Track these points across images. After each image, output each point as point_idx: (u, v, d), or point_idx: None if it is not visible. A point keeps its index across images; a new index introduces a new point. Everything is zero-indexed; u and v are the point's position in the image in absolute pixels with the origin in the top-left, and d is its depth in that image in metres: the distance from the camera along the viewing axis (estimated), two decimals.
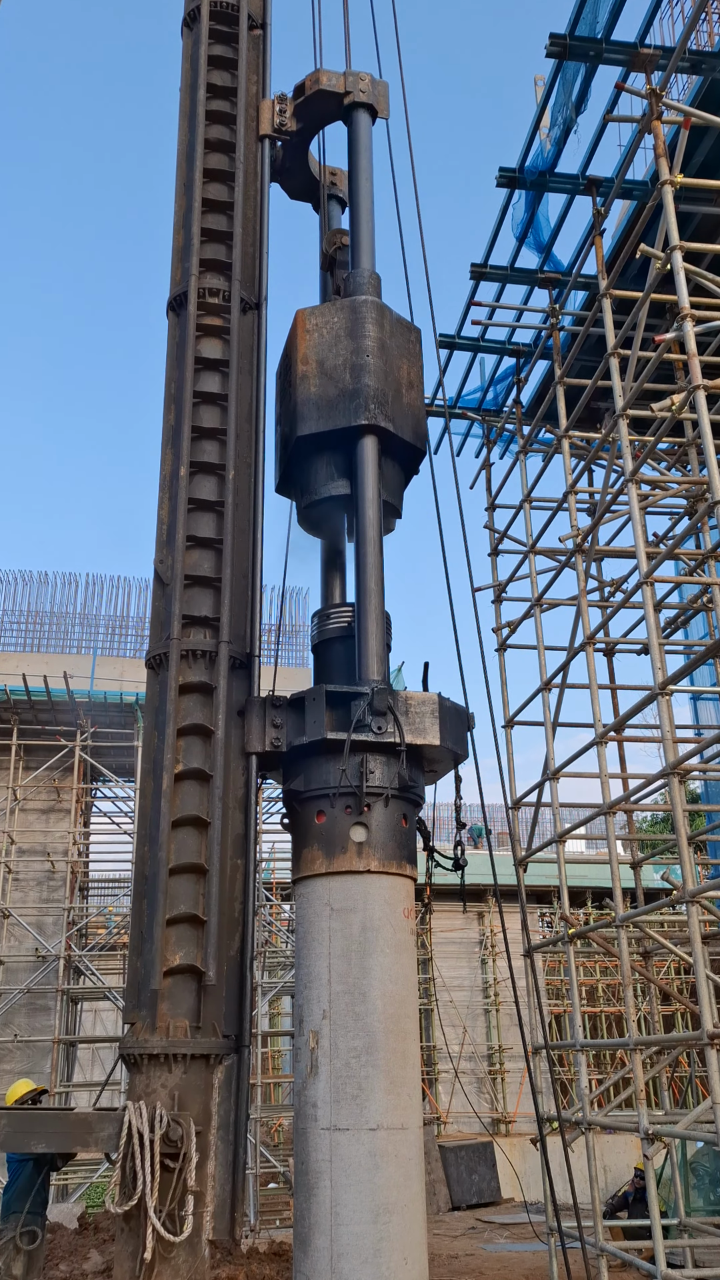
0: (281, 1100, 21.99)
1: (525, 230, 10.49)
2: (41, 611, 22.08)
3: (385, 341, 6.03)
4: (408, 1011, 4.97)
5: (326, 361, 5.92)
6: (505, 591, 12.25)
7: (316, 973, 4.91)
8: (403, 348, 6.19)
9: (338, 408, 5.80)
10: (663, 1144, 8.35)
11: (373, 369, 5.85)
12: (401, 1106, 4.78)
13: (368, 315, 6.01)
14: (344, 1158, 4.62)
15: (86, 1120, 4.42)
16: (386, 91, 6.78)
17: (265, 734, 5.30)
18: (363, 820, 5.06)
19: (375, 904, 4.99)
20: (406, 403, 6.04)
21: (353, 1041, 4.75)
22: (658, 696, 8.02)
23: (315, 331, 6.03)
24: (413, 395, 6.14)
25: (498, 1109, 21.51)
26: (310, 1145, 4.71)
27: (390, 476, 6.01)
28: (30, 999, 17.71)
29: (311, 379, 5.90)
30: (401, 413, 5.96)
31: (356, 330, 5.96)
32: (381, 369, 5.89)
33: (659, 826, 31.76)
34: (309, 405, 5.87)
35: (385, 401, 5.83)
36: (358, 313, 6.02)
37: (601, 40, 8.79)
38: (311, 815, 5.19)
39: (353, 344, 5.93)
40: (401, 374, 6.08)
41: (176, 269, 6.11)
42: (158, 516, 5.63)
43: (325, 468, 5.96)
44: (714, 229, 9.98)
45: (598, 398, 10.63)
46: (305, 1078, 4.82)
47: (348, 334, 5.97)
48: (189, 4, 6.64)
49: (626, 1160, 18.35)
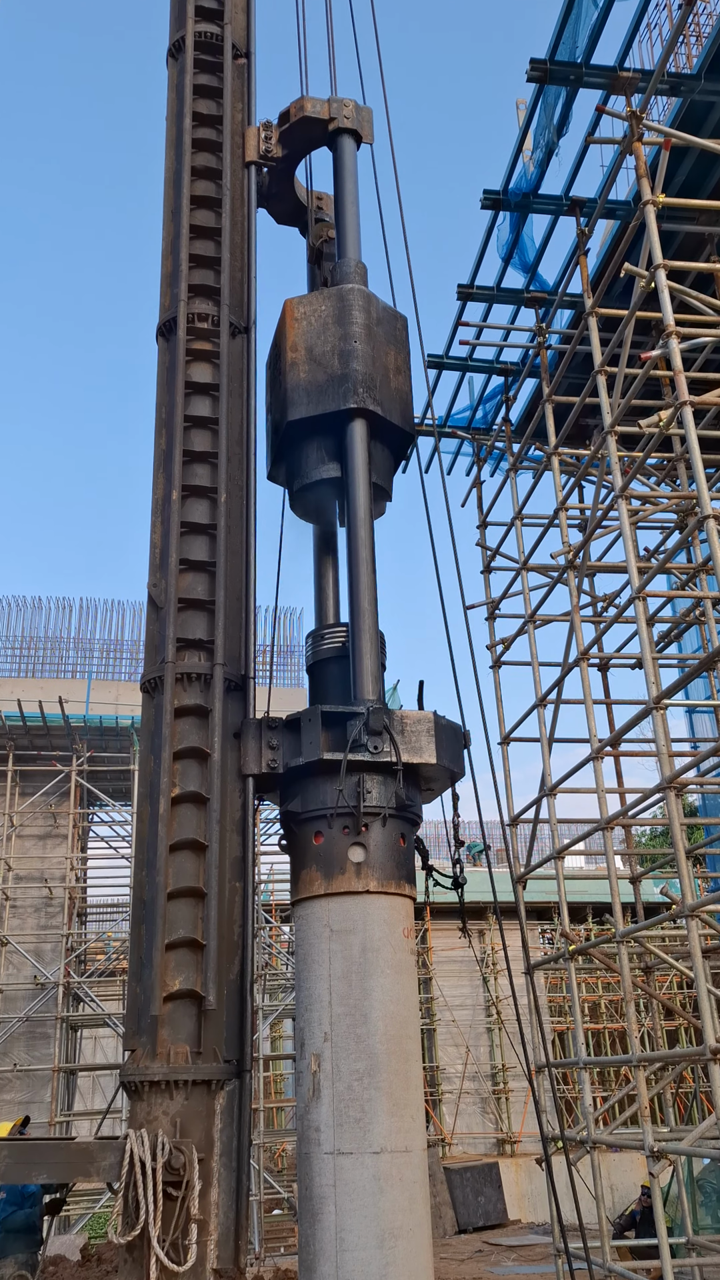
0: (284, 1125, 21.83)
1: (510, 251, 10.59)
2: (36, 636, 22.08)
3: (372, 328, 6.13)
4: (409, 1032, 4.95)
5: (315, 348, 6.03)
6: (498, 608, 12.28)
7: (317, 995, 4.89)
8: (390, 334, 6.30)
9: (327, 392, 5.90)
10: (668, 1161, 8.29)
11: (360, 354, 5.96)
12: (405, 1129, 4.75)
13: (355, 302, 6.12)
14: (348, 1182, 4.58)
15: (88, 1150, 4.39)
16: (370, 117, 6.86)
17: (262, 756, 5.30)
18: (360, 840, 5.05)
19: (375, 924, 4.97)
20: (394, 387, 6.15)
21: (355, 1064, 4.72)
22: (652, 711, 8.04)
23: (303, 319, 6.13)
24: (400, 380, 6.24)
25: (502, 1129, 21.36)
26: (314, 1170, 4.68)
27: (380, 460, 6.12)
28: (29, 1027, 17.59)
29: (301, 365, 6.01)
30: (389, 397, 6.07)
31: (344, 317, 6.07)
32: (369, 354, 6.00)
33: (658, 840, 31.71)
34: (299, 391, 5.96)
35: (373, 386, 5.93)
36: (345, 300, 6.13)
37: (581, 64, 8.91)
38: (309, 836, 5.18)
39: (340, 330, 6.04)
40: (389, 359, 6.19)
41: (165, 294, 6.16)
42: (150, 540, 5.66)
43: (316, 452, 6.06)
44: (697, 247, 10.08)
45: (586, 414, 10.71)
46: (307, 1101, 4.79)
47: (335, 321, 6.07)
48: (174, 34, 6.72)
49: (633, 1178, 18.22)
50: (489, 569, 12.48)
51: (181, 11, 6.65)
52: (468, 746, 5.79)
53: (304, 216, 7.20)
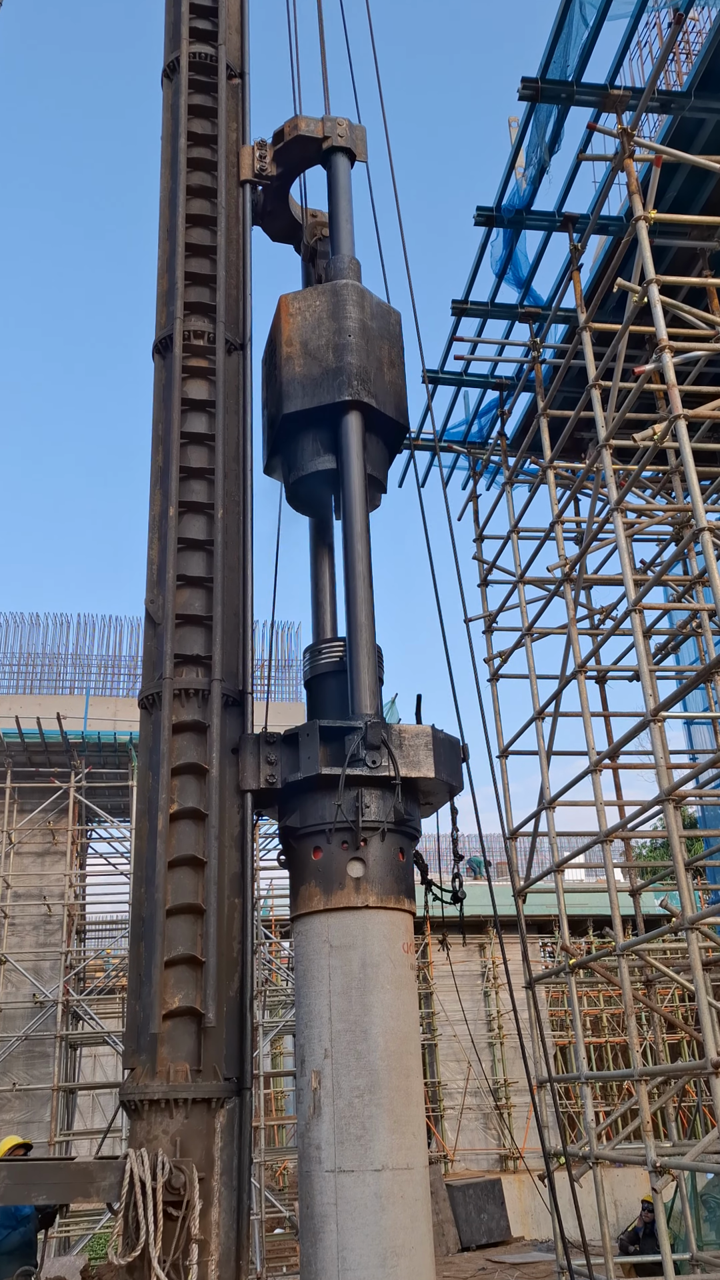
0: (285, 1142, 21.70)
1: (504, 267, 10.66)
2: (34, 653, 22.08)
3: (366, 322, 6.22)
4: (410, 1048, 4.93)
5: (310, 342, 6.13)
6: (496, 621, 12.30)
7: (317, 1011, 4.87)
8: (383, 329, 6.40)
9: (322, 385, 5.99)
10: (671, 1176, 8.25)
11: (355, 348, 6.06)
12: (406, 1146, 4.72)
13: (349, 297, 6.22)
14: (349, 1200, 4.55)
15: (87, 1170, 4.36)
16: (364, 135, 6.92)
17: (260, 771, 5.29)
18: (360, 855, 5.04)
19: (374, 940, 4.95)
20: (388, 380, 6.25)
21: (355, 1080, 4.70)
22: (650, 723, 8.05)
23: (298, 315, 6.22)
24: (394, 373, 6.34)
25: (505, 1145, 21.24)
26: (315, 1188, 4.65)
27: (375, 451, 6.21)
28: (28, 1046, 17.49)
29: (296, 359, 6.10)
30: (384, 389, 6.16)
31: (338, 312, 6.17)
32: (363, 348, 6.10)
33: (658, 853, 31.65)
34: (294, 384, 6.06)
35: (368, 379, 6.02)
36: (339, 295, 6.22)
37: (573, 83, 8.99)
38: (308, 851, 5.17)
39: (335, 325, 6.13)
40: (383, 353, 6.29)
41: (161, 312, 6.19)
42: (148, 557, 5.67)
43: (311, 444, 6.14)
44: (689, 262, 10.15)
45: (581, 428, 10.76)
46: (308, 1119, 4.77)
47: (330, 316, 6.17)
48: (168, 55, 6.78)
49: (637, 1194, 18.11)
50: (486, 582, 12.51)
51: (176, 33, 6.71)
52: (466, 760, 5.79)
53: (299, 234, 7.25)
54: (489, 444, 12.78)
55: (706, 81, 8.93)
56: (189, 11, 6.70)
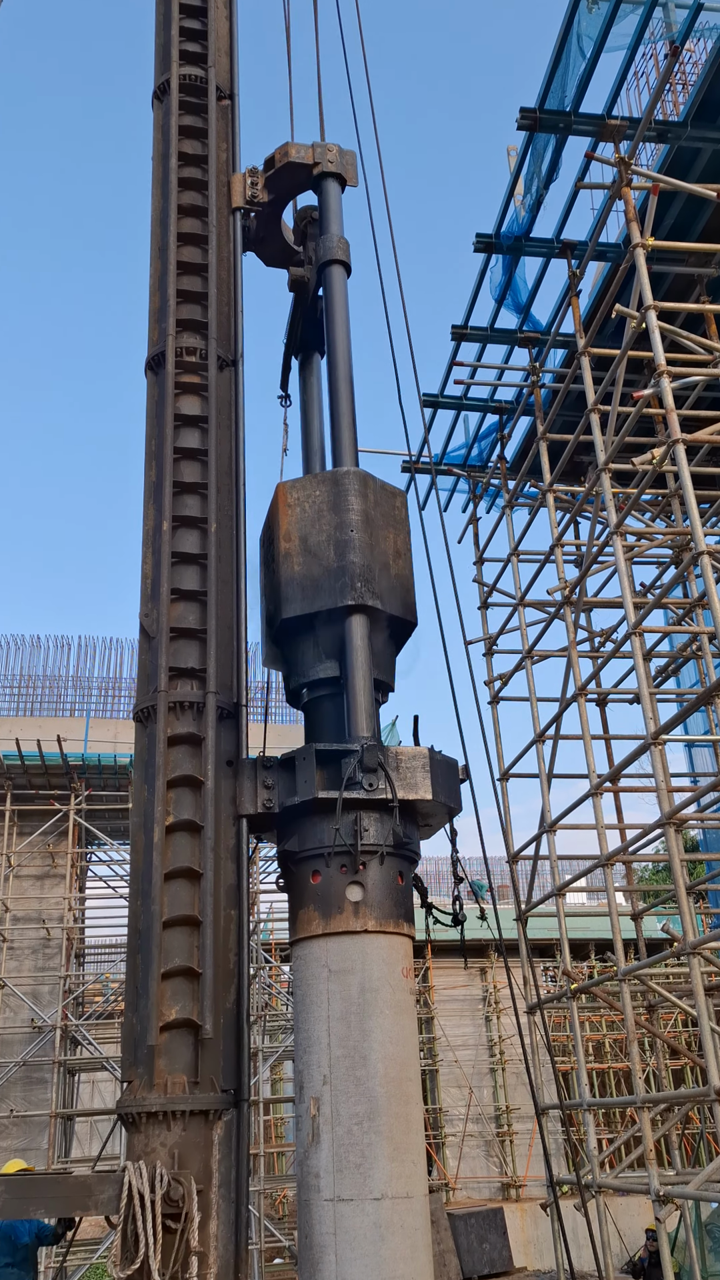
0: (285, 1170, 21.45)
1: (504, 293, 10.79)
2: (34, 675, 22.11)
3: (369, 513, 5.87)
4: (409, 1074, 4.88)
5: (310, 538, 5.77)
6: (496, 644, 12.35)
7: (316, 1037, 4.83)
8: (388, 516, 6.03)
9: (323, 587, 5.64)
10: (675, 1205, 8.17)
11: (358, 544, 5.71)
12: (406, 1174, 4.67)
13: (351, 487, 5.87)
14: (348, 1230, 4.50)
15: (85, 1183, 4.34)
16: (355, 160, 6.98)
17: (257, 795, 5.25)
18: (358, 879, 5.01)
19: (374, 964, 4.91)
20: (394, 574, 5.88)
21: (354, 1107, 4.65)
22: (651, 746, 8.08)
23: (297, 506, 5.88)
24: (400, 564, 5.97)
25: (507, 1172, 21.00)
26: (314, 1218, 4.60)
27: (381, 653, 5.84)
28: (25, 1072, 17.34)
29: (295, 557, 5.75)
30: (389, 587, 5.80)
31: (339, 504, 5.82)
32: (367, 543, 5.75)
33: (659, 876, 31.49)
34: (293, 585, 5.71)
35: (371, 578, 5.67)
36: (340, 485, 5.88)
37: (570, 112, 9.15)
38: (307, 875, 5.14)
39: (336, 519, 5.78)
40: (388, 544, 5.94)
41: (153, 330, 6.27)
42: (142, 571, 5.71)
43: (312, 649, 5.80)
44: (687, 288, 10.28)
45: (580, 452, 10.85)
46: (306, 1146, 4.71)
47: (330, 508, 5.81)
48: (159, 77, 6.92)
49: (640, 1223, 17.88)
50: (486, 605, 12.57)
51: (167, 55, 6.85)
52: (465, 781, 5.77)
53: (292, 259, 7.34)
54: (489, 467, 12.89)
55: (703, 111, 9.09)
56: (179, 35, 6.84)
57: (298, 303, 7.33)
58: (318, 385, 7.42)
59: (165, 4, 7.10)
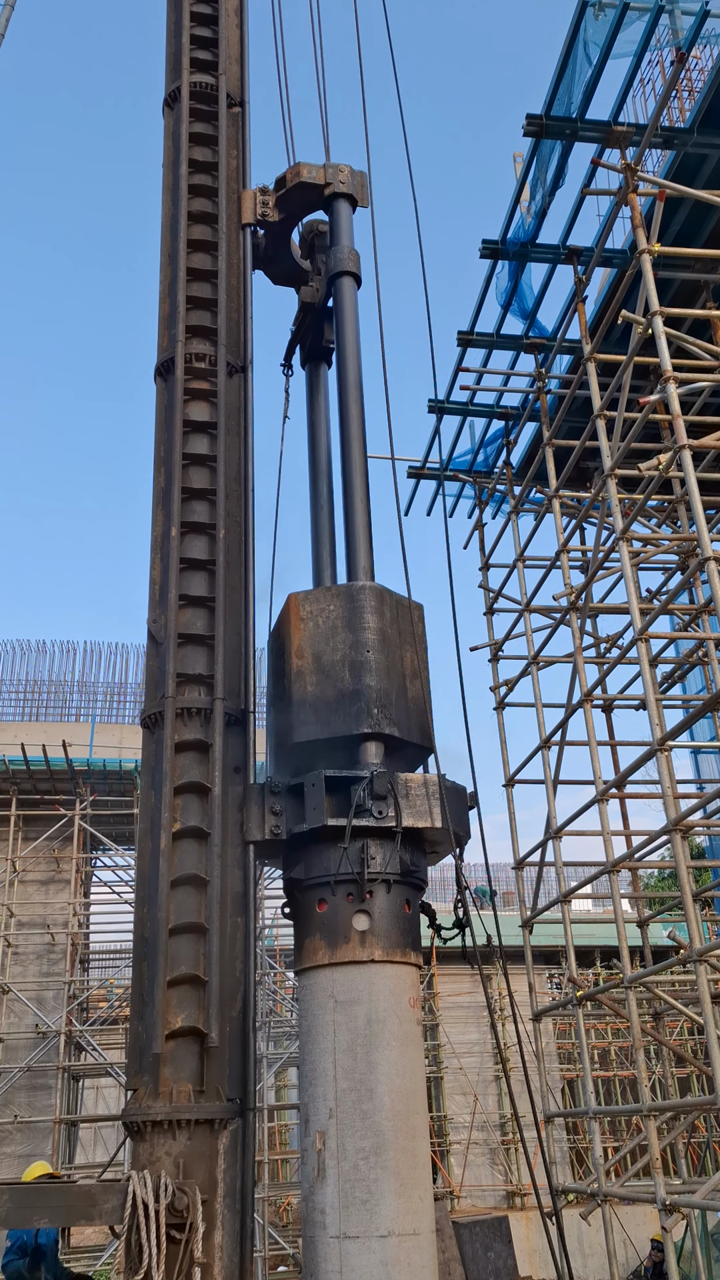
0: (289, 1176, 21.39)
1: (510, 298, 10.79)
2: (40, 680, 22.14)
3: (386, 631, 5.63)
4: (416, 1107, 4.81)
5: (323, 656, 5.54)
6: (502, 650, 12.32)
7: (322, 1069, 4.77)
8: (405, 633, 5.80)
9: (337, 712, 5.42)
10: (681, 1215, 8.13)
11: (374, 667, 5.49)
12: (413, 1210, 4.60)
13: (366, 604, 5.64)
14: (354, 1269, 4.42)
15: (90, 1193, 4.32)
16: (365, 181, 6.99)
17: (265, 822, 5.17)
18: (365, 908, 4.94)
19: (380, 995, 4.85)
20: (411, 697, 5.67)
21: (360, 1142, 4.58)
22: (657, 752, 8.05)
23: (310, 620, 5.64)
24: (416, 686, 5.74)
25: (512, 1181, 20.91)
26: (319, 1255, 4.53)
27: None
28: (29, 1078, 17.32)
29: (308, 676, 5.52)
30: (405, 711, 5.59)
31: (354, 621, 5.59)
32: (384, 665, 5.53)
33: (665, 883, 31.40)
34: (305, 708, 5.49)
35: (388, 703, 5.47)
36: (355, 601, 5.64)
37: (576, 119, 9.15)
38: (313, 904, 5.07)
39: (351, 637, 5.55)
40: (405, 664, 5.71)
41: (163, 336, 6.28)
42: (150, 577, 5.72)
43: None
44: (693, 293, 10.27)
45: (586, 458, 10.84)
46: (312, 1182, 4.65)
47: (345, 625, 5.59)
48: (169, 85, 6.94)
49: (646, 1232, 17.79)
50: (492, 610, 12.55)
51: (177, 63, 6.87)
52: (474, 807, 5.71)
53: (301, 278, 7.35)
54: (494, 473, 12.88)
55: (709, 118, 9.08)
56: (190, 42, 6.86)
57: (304, 311, 7.34)
58: (325, 397, 7.41)
59: (176, 12, 7.12)
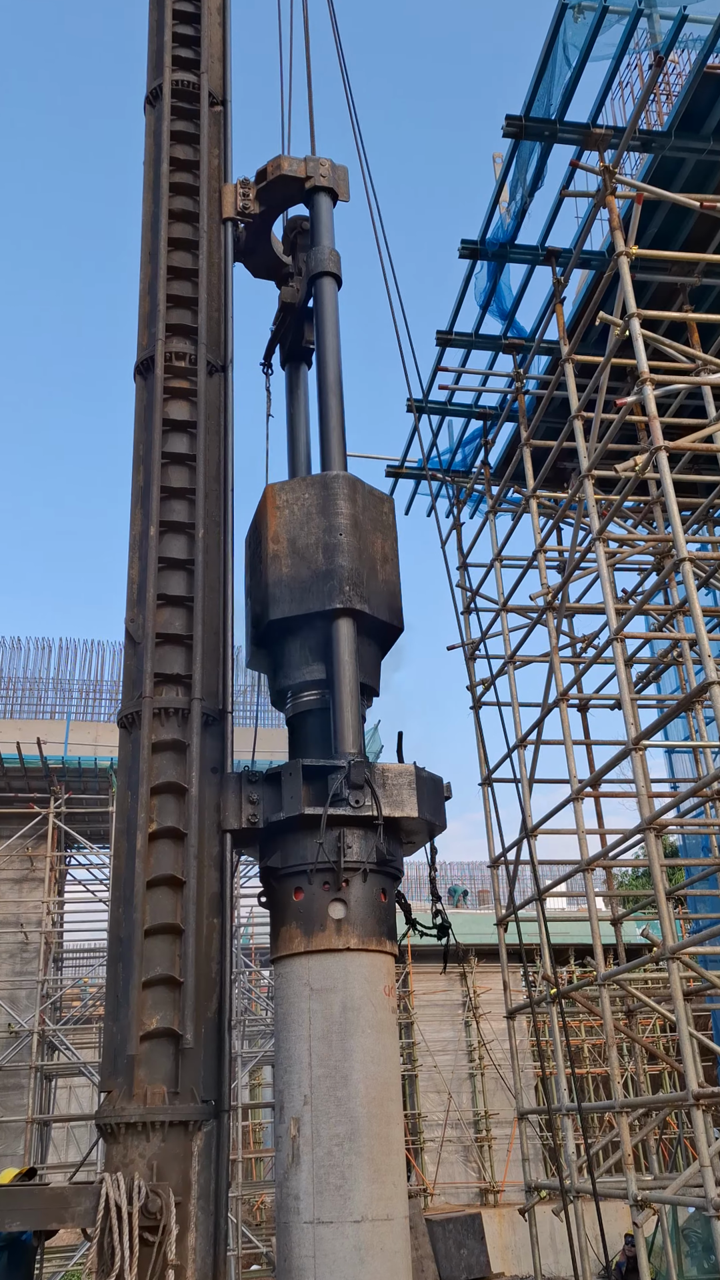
0: (264, 1175, 21.38)
1: (488, 299, 10.81)
2: (14, 677, 21.96)
3: (358, 517, 5.88)
4: (391, 1094, 4.83)
5: (298, 540, 5.78)
6: (479, 649, 12.35)
7: (296, 1056, 4.79)
8: (376, 521, 6.05)
9: (311, 590, 5.65)
10: (652, 1210, 8.19)
11: (346, 548, 5.72)
12: (386, 1196, 4.63)
13: (340, 491, 5.89)
14: (328, 1254, 4.45)
15: (62, 1195, 4.29)
16: (346, 175, 7.01)
17: (242, 810, 5.20)
18: (341, 896, 4.97)
19: (355, 983, 4.88)
20: (381, 579, 5.91)
21: (335, 1128, 4.60)
22: (631, 751, 8.10)
23: (285, 508, 5.88)
24: (387, 570, 6.00)
25: (485, 1178, 20.99)
26: (293, 1240, 4.55)
27: (366, 657, 5.84)
28: (2, 1077, 17.20)
29: (283, 559, 5.75)
30: (376, 591, 5.83)
31: (328, 507, 5.83)
32: (355, 547, 5.76)
33: (639, 881, 31.62)
34: (281, 587, 5.71)
35: (360, 582, 5.69)
36: (329, 489, 5.90)
37: (556, 121, 9.18)
38: (289, 892, 5.10)
39: (325, 522, 5.79)
40: (375, 549, 5.96)
41: (143, 334, 6.24)
42: (128, 576, 5.68)
43: (299, 651, 5.78)
44: (670, 296, 10.33)
45: (564, 458, 10.88)
46: (286, 1168, 4.65)
47: (319, 511, 5.82)
48: (151, 83, 6.90)
49: (619, 1228, 17.91)
50: (469, 610, 12.58)
51: (159, 61, 6.83)
52: (449, 798, 5.75)
53: (280, 271, 7.33)
54: (473, 473, 12.90)
55: (686, 122, 9.14)
56: (172, 40, 6.82)
57: (284, 311, 7.33)
58: (304, 397, 7.42)
59: (158, 10, 7.08)
